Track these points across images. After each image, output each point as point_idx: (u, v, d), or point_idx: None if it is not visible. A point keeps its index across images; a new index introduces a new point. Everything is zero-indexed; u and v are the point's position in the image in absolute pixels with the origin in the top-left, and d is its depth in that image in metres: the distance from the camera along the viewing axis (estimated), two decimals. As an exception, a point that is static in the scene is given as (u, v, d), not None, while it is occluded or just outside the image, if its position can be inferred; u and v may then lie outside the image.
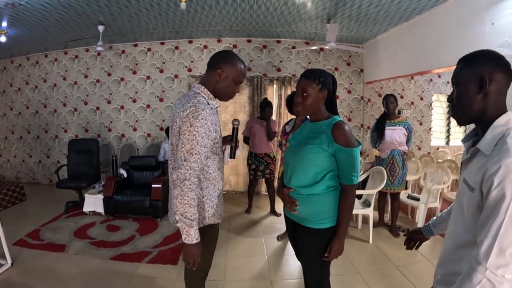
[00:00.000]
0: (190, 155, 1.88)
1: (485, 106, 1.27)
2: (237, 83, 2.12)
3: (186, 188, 1.87)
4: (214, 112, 2.07)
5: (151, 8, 4.97)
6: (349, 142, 1.97)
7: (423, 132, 7.93)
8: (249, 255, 4.26)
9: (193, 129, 1.88)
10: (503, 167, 1.11)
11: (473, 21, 4.02)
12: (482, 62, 1.28)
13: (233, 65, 2.08)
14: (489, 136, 1.23)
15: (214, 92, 2.10)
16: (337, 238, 2.05)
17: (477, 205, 1.22)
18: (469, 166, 1.31)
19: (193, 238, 1.91)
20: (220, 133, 2.14)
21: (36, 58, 7.61)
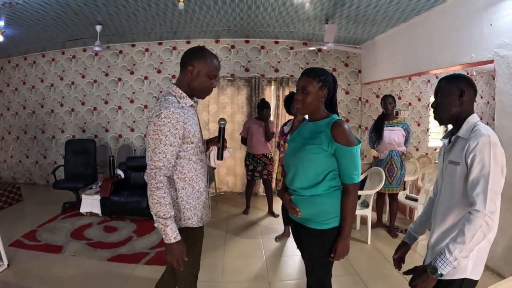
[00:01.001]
0: (154, 154, 1.88)
1: (461, 110, 1.80)
2: (211, 78, 2.07)
3: (153, 188, 1.87)
4: (187, 111, 2.04)
5: (148, 8, 4.95)
6: (349, 140, 1.96)
7: (421, 133, 7.93)
8: (247, 256, 4.25)
9: (156, 128, 1.87)
10: (480, 142, 1.61)
11: (471, 22, 4.02)
12: (461, 81, 1.81)
13: (203, 60, 2.03)
14: (465, 127, 1.76)
15: (190, 91, 2.08)
16: (342, 239, 2.04)
17: (464, 174, 1.69)
18: (452, 151, 1.80)
19: (171, 237, 1.89)
20: (198, 132, 2.12)
21: (33, 58, 7.58)
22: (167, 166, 1.91)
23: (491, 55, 3.72)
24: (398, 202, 4.88)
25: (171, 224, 1.88)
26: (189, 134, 2.00)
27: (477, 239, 1.54)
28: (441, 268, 1.59)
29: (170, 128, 1.89)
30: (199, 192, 2.15)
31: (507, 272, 3.38)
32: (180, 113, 1.94)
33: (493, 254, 3.60)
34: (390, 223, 4.86)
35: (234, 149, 7.06)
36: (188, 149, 2.04)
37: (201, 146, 2.16)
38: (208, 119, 7.06)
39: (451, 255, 1.56)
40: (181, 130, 1.94)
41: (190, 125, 2.01)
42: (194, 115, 2.12)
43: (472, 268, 1.71)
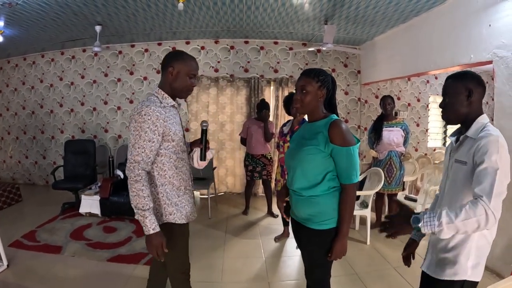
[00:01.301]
0: (134, 149, 1.98)
1: (469, 110, 1.75)
2: (191, 77, 2.19)
3: (132, 181, 1.96)
4: (169, 111, 2.16)
5: (148, 8, 4.95)
6: (346, 140, 1.97)
7: (420, 134, 7.94)
8: (247, 257, 4.25)
9: (137, 124, 1.98)
10: (488, 142, 1.58)
11: (470, 22, 4.03)
12: (469, 79, 1.74)
13: (182, 60, 2.16)
14: (474, 127, 1.72)
15: (172, 92, 2.20)
16: (339, 239, 2.05)
17: (470, 173, 1.64)
18: (460, 150, 1.77)
19: (150, 228, 1.97)
20: (180, 132, 2.22)
21: (32, 58, 7.58)
22: (145, 160, 2.00)
23: (490, 56, 3.73)
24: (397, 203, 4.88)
25: (150, 216, 1.97)
26: (170, 132, 2.09)
27: (470, 224, 1.44)
28: (423, 224, 1.48)
29: (150, 125, 1.98)
30: (180, 190, 2.22)
31: (505, 272, 3.39)
32: (161, 112, 2.05)
33: (492, 254, 3.58)
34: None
35: (234, 149, 7.08)
36: (168, 147, 2.12)
37: (182, 145, 2.24)
38: (207, 120, 7.03)
39: (439, 220, 1.45)
40: (160, 127, 2.03)
41: (171, 123, 2.12)
42: (176, 115, 2.25)
43: (472, 269, 1.70)
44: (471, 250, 1.69)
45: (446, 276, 1.73)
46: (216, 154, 6.99)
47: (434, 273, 1.82)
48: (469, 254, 1.69)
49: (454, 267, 1.71)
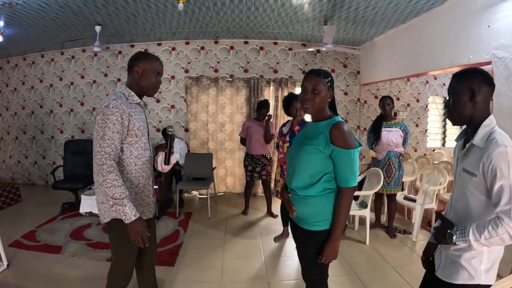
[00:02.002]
0: (103, 141, 2.02)
1: (474, 112, 1.66)
2: (155, 74, 2.27)
3: (104, 172, 1.98)
4: (135, 107, 2.23)
5: (148, 9, 4.96)
6: (347, 143, 1.95)
7: (419, 134, 7.96)
8: (246, 257, 4.26)
9: (105, 117, 2.04)
10: (497, 155, 1.51)
11: (469, 23, 4.04)
12: (472, 78, 1.65)
13: (146, 59, 2.24)
14: (480, 134, 1.63)
15: (139, 90, 2.27)
16: (331, 241, 2.03)
17: (481, 185, 1.61)
18: (467, 158, 1.69)
19: (131, 215, 2.01)
20: (144, 129, 2.27)
21: (32, 58, 7.57)
22: (115, 151, 2.05)
23: (489, 56, 3.74)
24: (397, 203, 4.89)
25: (128, 203, 2.01)
26: (134, 127, 2.16)
27: (495, 242, 1.52)
28: (456, 239, 1.61)
29: (118, 117, 2.05)
30: (138, 188, 2.27)
31: (505, 272, 3.39)
32: (127, 106, 2.13)
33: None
34: (389, 223, 4.88)
35: (233, 149, 7.09)
36: (131, 142, 2.18)
37: (145, 143, 2.29)
38: (207, 120, 7.06)
39: (467, 236, 1.56)
40: (126, 120, 2.10)
41: (136, 118, 2.18)
42: (141, 113, 2.31)
43: (485, 273, 1.71)
44: (483, 254, 1.68)
45: (460, 280, 1.72)
46: (215, 154, 7.01)
47: (447, 277, 1.78)
48: (482, 258, 1.69)
49: (468, 271, 1.71)
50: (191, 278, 3.68)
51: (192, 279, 3.66)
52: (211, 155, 6.54)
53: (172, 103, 7.24)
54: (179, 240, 4.69)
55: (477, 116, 1.67)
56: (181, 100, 7.22)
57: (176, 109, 7.26)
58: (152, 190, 2.43)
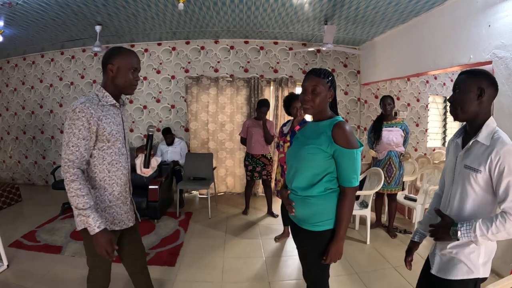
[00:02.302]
0: (67, 148, 1.91)
1: (479, 110, 1.72)
2: (132, 70, 2.10)
3: (68, 181, 1.88)
4: (107, 110, 2.07)
5: (148, 8, 4.95)
6: (349, 142, 1.94)
7: (419, 134, 7.95)
8: (247, 257, 4.25)
9: (71, 122, 1.91)
10: (506, 152, 1.59)
11: (469, 23, 4.04)
12: (482, 78, 1.71)
13: (120, 55, 2.07)
14: (485, 131, 1.69)
15: (115, 90, 2.11)
16: (335, 242, 2.02)
17: (483, 181, 1.67)
18: (470, 156, 1.73)
19: (94, 227, 1.89)
20: (117, 133, 2.11)
21: (32, 58, 7.58)
22: (80, 159, 1.93)
23: (489, 56, 3.74)
24: (397, 203, 4.89)
25: (92, 214, 1.89)
26: (104, 132, 2.01)
27: (501, 236, 1.59)
28: (460, 235, 1.64)
29: (84, 122, 1.91)
30: (112, 196, 2.13)
31: (505, 271, 3.40)
32: (96, 109, 1.97)
33: (492, 254, 3.62)
34: (389, 223, 4.87)
35: (233, 149, 7.09)
36: (103, 148, 2.05)
37: (120, 147, 2.15)
38: (207, 120, 7.06)
39: (474, 232, 1.60)
40: (94, 125, 1.95)
41: (107, 123, 2.03)
42: (116, 115, 2.14)
43: (483, 266, 1.76)
44: (481, 248, 1.73)
45: (459, 276, 1.76)
46: (216, 154, 7.01)
47: (446, 274, 1.81)
48: (480, 252, 1.73)
49: (467, 266, 1.75)
50: (191, 278, 3.67)
51: (192, 279, 3.66)
52: (211, 155, 6.54)
53: (172, 103, 7.24)
54: (180, 240, 4.68)
55: (480, 114, 1.72)
56: (181, 100, 7.22)
57: (176, 109, 7.26)
58: (129, 197, 2.30)
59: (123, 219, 2.22)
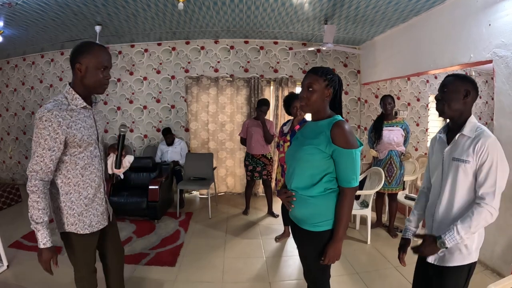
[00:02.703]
0: (33, 158, 1.87)
1: (463, 108, 1.93)
2: (102, 69, 2.01)
3: (29, 191, 1.86)
4: (77, 114, 2.00)
5: (148, 8, 4.95)
6: (348, 142, 1.92)
7: (420, 133, 7.93)
8: (247, 257, 4.25)
9: (38, 131, 1.85)
10: (489, 142, 1.79)
11: (470, 22, 4.03)
12: (468, 82, 1.92)
13: (88, 53, 1.95)
14: (469, 126, 1.90)
15: (85, 89, 2.02)
16: (333, 243, 2.00)
17: (470, 170, 1.85)
18: (458, 148, 1.91)
19: (40, 242, 1.91)
20: (89, 137, 2.05)
21: (32, 58, 7.57)
22: (44, 170, 1.88)
23: (490, 55, 3.73)
24: (398, 202, 4.88)
25: (42, 230, 1.89)
26: (75, 139, 1.95)
27: (481, 225, 1.79)
28: (448, 243, 1.82)
29: (50, 132, 1.85)
30: (88, 199, 2.10)
31: (506, 271, 3.39)
32: (64, 116, 1.90)
33: (493, 253, 3.62)
34: (390, 223, 4.87)
35: (234, 149, 7.08)
36: (75, 153, 2.00)
37: (93, 150, 2.11)
38: (207, 120, 7.06)
39: (458, 234, 1.79)
40: (62, 134, 1.89)
41: (77, 129, 1.96)
42: (87, 118, 2.07)
43: (476, 251, 1.93)
44: (475, 236, 1.90)
45: (456, 262, 1.91)
46: (216, 154, 7.00)
47: (443, 262, 1.95)
48: (475, 239, 1.90)
49: (463, 253, 1.90)
50: (192, 278, 3.67)
51: (193, 279, 3.65)
52: (211, 155, 6.54)
53: (172, 103, 7.24)
54: (180, 240, 4.68)
55: (464, 112, 1.93)
56: (181, 100, 7.21)
57: (176, 109, 7.25)
58: (104, 198, 2.25)
59: (99, 220, 2.20)
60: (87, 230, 2.10)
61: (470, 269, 1.94)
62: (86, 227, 2.10)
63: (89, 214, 2.12)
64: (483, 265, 3.70)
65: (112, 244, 2.43)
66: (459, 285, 1.96)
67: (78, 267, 2.24)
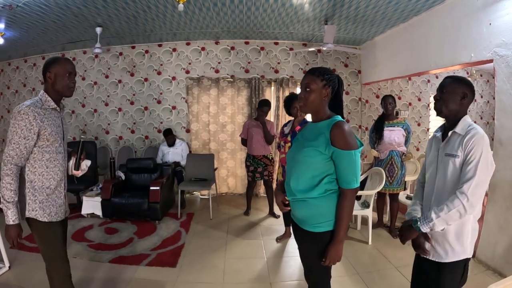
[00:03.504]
0: (10, 144, 2.15)
1: (459, 109, 2.02)
2: (68, 74, 2.31)
3: (3, 173, 2.14)
4: (49, 113, 2.29)
5: (148, 10, 4.96)
6: (348, 144, 1.91)
7: (421, 133, 7.92)
8: (248, 257, 4.25)
9: (15, 122, 2.15)
10: (477, 138, 1.89)
11: (470, 21, 4.03)
12: (466, 85, 2.02)
13: (55, 63, 2.28)
14: (462, 125, 1.99)
15: (56, 94, 2.33)
16: (334, 244, 1.99)
17: (459, 162, 1.94)
18: (449, 145, 2.01)
19: (10, 219, 2.13)
20: (56, 134, 2.31)
21: (33, 60, 7.59)
22: (19, 156, 2.16)
23: (490, 54, 3.72)
24: (399, 202, 4.88)
25: (13, 208, 2.14)
26: (45, 132, 2.22)
27: (453, 215, 1.87)
28: (422, 227, 1.96)
29: (27, 123, 2.14)
30: (49, 189, 2.32)
31: (507, 271, 3.38)
32: (39, 112, 2.21)
33: (494, 253, 3.61)
34: (391, 223, 4.87)
35: (235, 150, 7.09)
36: (43, 146, 2.25)
37: (58, 147, 2.35)
38: (208, 121, 7.07)
39: (430, 219, 1.92)
40: (36, 126, 2.18)
41: (48, 124, 2.25)
42: (56, 118, 2.37)
43: (470, 246, 2.00)
44: (469, 232, 1.99)
45: (450, 258, 1.98)
46: (217, 155, 7.00)
47: (439, 258, 2.02)
48: (468, 235, 1.98)
49: (459, 248, 1.97)
50: (193, 279, 3.67)
51: (194, 280, 3.65)
52: (212, 155, 6.54)
53: (173, 104, 7.24)
54: (181, 241, 4.68)
55: (460, 113, 2.03)
56: (182, 101, 7.22)
57: (177, 110, 7.26)
58: (63, 192, 2.47)
59: (57, 211, 2.39)
60: (46, 218, 2.29)
61: (465, 265, 2.03)
62: (45, 215, 2.29)
63: (49, 204, 2.33)
64: (485, 265, 3.69)
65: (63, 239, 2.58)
66: (455, 280, 2.03)
67: (51, 256, 2.44)
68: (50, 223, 2.32)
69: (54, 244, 2.40)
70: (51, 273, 2.47)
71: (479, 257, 3.78)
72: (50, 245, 2.40)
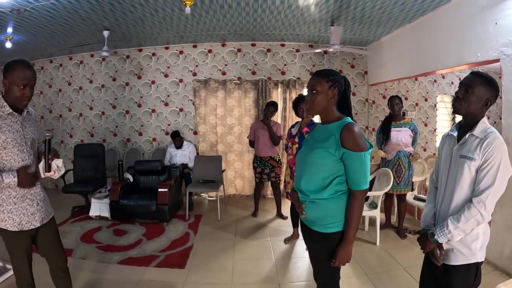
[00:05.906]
0: None
1: (480, 112, 1.95)
2: (21, 86, 2.17)
3: None
4: (5, 119, 2.19)
5: (155, 13, 4.99)
6: (358, 145, 1.92)
7: (428, 133, 7.89)
8: (257, 258, 4.26)
9: None
10: (496, 144, 1.83)
11: (476, 21, 4.02)
12: (492, 91, 1.93)
13: (11, 73, 2.15)
14: (480, 128, 1.92)
15: (11, 102, 2.21)
16: (344, 245, 2.00)
17: (475, 166, 1.88)
18: (466, 147, 1.95)
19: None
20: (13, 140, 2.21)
21: (41, 63, 7.65)
22: None
23: (497, 54, 3.71)
24: (407, 203, 4.86)
25: None
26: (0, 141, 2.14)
27: (471, 224, 1.86)
28: (438, 238, 1.95)
29: None
30: (17, 198, 2.25)
31: (514, 271, 3.38)
32: None
33: (502, 254, 3.60)
34: (399, 224, 4.85)
35: (242, 152, 7.10)
36: (0, 155, 2.18)
37: (19, 153, 2.26)
38: (216, 123, 7.10)
39: (447, 229, 1.90)
40: None
41: (2, 132, 2.15)
42: (14, 123, 2.24)
43: (481, 251, 1.96)
44: (479, 236, 1.94)
45: (461, 261, 1.96)
46: (224, 157, 7.02)
47: (449, 260, 1.99)
48: (478, 239, 1.94)
49: (468, 252, 1.94)
50: (201, 280, 3.69)
51: (202, 281, 3.67)
52: (220, 157, 6.56)
53: (181, 106, 7.28)
54: (189, 242, 4.70)
55: (480, 115, 1.96)
56: (190, 103, 7.25)
57: (184, 112, 7.29)
58: (36, 199, 2.40)
59: (29, 220, 2.32)
60: (16, 227, 2.24)
61: (478, 269, 1.99)
62: (15, 225, 2.24)
63: (19, 213, 2.26)
64: (492, 265, 3.68)
65: (45, 248, 2.55)
66: (468, 284, 1.99)
67: (13, 261, 2.39)
68: (20, 232, 2.27)
69: (20, 254, 2.35)
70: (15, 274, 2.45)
71: (486, 258, 3.72)
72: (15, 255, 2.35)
